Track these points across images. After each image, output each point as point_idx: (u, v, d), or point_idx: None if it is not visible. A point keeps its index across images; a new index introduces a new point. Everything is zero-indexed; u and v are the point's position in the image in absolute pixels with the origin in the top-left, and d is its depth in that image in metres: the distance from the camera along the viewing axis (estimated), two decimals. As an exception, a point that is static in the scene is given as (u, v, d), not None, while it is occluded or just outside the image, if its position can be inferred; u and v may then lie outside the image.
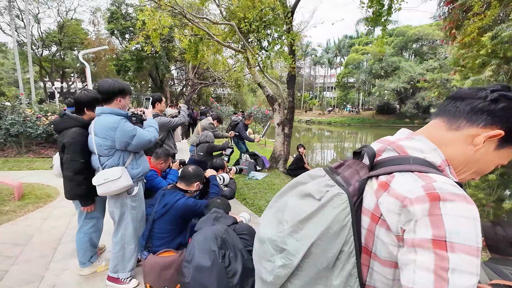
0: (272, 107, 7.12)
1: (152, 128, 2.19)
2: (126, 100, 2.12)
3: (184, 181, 2.28)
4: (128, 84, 2.15)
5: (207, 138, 4.40)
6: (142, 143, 2.06)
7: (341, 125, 33.60)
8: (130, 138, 2.01)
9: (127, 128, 2.00)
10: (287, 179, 6.34)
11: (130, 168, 2.12)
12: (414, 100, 26.30)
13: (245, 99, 27.39)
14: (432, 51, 27.54)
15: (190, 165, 2.36)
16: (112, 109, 2.05)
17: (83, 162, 2.13)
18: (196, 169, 2.32)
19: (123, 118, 2.03)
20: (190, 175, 2.27)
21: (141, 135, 2.05)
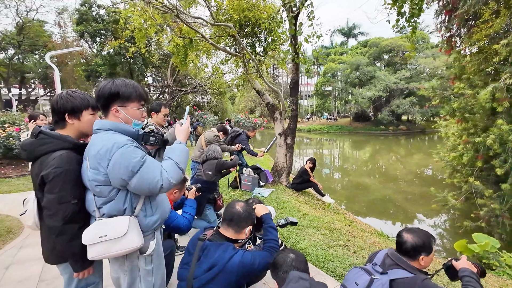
0: (273, 116, 6.58)
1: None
2: (130, 110, 1.39)
3: (233, 226, 1.59)
4: (134, 86, 1.39)
5: (216, 153, 3.71)
6: (146, 187, 1.28)
7: (320, 132, 34.09)
8: (129, 175, 1.25)
9: (129, 157, 1.25)
10: (293, 195, 5.78)
11: (143, 215, 1.40)
12: (389, 108, 27.44)
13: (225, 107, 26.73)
14: (403, 62, 29.12)
15: (237, 203, 1.68)
16: (114, 123, 1.34)
17: (77, 204, 1.38)
18: (246, 207, 1.65)
19: (129, 140, 1.31)
20: (240, 217, 1.59)
21: (148, 174, 1.27)
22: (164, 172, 1.31)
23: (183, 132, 1.55)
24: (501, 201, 5.34)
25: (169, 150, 1.44)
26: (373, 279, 1.47)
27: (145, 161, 1.29)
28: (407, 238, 1.54)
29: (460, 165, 6.36)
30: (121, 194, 1.32)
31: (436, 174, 13.05)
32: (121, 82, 1.35)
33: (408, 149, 22.98)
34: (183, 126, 1.57)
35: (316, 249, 3.23)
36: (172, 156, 1.40)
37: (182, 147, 1.46)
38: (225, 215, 1.64)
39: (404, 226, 6.86)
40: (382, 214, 7.64)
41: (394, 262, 1.54)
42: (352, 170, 14.71)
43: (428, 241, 1.53)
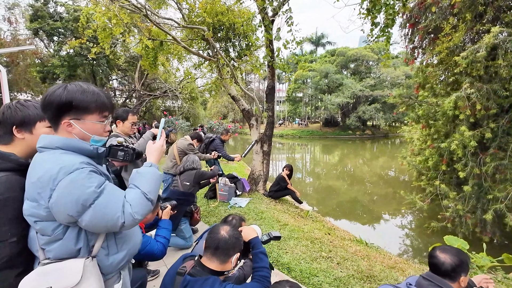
0: (249, 123, 6.42)
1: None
2: (88, 124, 1.09)
3: (218, 256, 1.36)
4: (94, 92, 1.08)
5: (194, 164, 3.43)
6: (103, 225, 0.99)
7: (292, 137, 34.74)
8: (78, 210, 0.95)
9: (80, 187, 0.95)
10: (271, 204, 5.64)
11: (104, 254, 1.09)
12: (356, 114, 28.90)
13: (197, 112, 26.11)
14: (368, 71, 31.02)
15: (221, 227, 1.45)
16: (65, 140, 1.04)
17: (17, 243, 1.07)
18: (233, 232, 1.43)
19: (82, 163, 1.00)
20: (227, 244, 1.36)
21: (105, 209, 0.98)
22: (128, 205, 1.03)
23: (156, 151, 1.25)
24: (463, 202, 5.70)
25: (137, 175, 1.13)
26: None
27: (102, 191, 1.00)
28: (444, 259, 1.46)
29: (425, 169, 6.74)
30: (71, 232, 1.02)
31: (399, 176, 13.85)
32: (77, 88, 1.05)
33: (373, 152, 24.30)
34: (157, 143, 1.27)
35: (300, 263, 3.10)
36: (139, 183, 1.10)
37: (153, 172, 1.16)
38: (208, 243, 1.40)
39: (372, 227, 7.11)
40: (351, 215, 7.84)
41: (434, 283, 1.45)
42: (322, 173, 15.07)
43: (466, 260, 1.48)
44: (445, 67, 5.69)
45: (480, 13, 5.28)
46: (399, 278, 2.88)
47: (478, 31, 5.20)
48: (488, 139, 5.25)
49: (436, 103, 5.56)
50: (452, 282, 1.44)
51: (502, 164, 5.06)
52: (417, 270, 3.23)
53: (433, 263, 1.52)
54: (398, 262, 3.43)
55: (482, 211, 5.41)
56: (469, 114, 4.79)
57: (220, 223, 1.52)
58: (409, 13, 6.61)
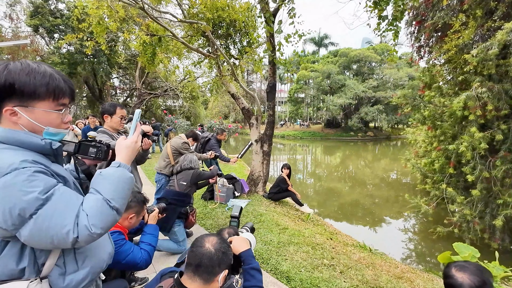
0: (249, 122, 6.21)
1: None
2: (38, 112, 0.88)
3: (201, 274, 1.14)
4: (45, 73, 0.87)
5: (192, 163, 3.24)
6: (48, 241, 0.79)
7: (293, 138, 34.51)
8: (14, 221, 0.76)
9: (18, 192, 0.76)
10: (271, 206, 5.43)
11: (59, 273, 0.88)
12: (358, 115, 28.64)
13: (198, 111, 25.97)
14: (370, 72, 30.74)
15: (206, 239, 1.22)
16: (7, 132, 0.84)
17: None
18: (220, 245, 1.20)
19: (25, 161, 0.80)
20: (212, 260, 1.13)
21: (51, 220, 0.78)
22: (83, 216, 0.82)
23: (127, 148, 1.04)
24: (471, 206, 5.46)
25: (99, 178, 0.93)
26: None
27: (49, 198, 0.79)
28: (462, 279, 1.26)
29: (431, 172, 6.51)
30: (12, 247, 0.81)
31: (401, 179, 13.61)
32: (21, 67, 0.84)
33: (375, 154, 24.04)
34: (129, 139, 1.06)
35: (300, 271, 2.88)
36: (101, 188, 0.90)
37: (120, 174, 0.96)
38: (190, 258, 1.17)
39: (374, 231, 6.88)
40: (352, 218, 7.62)
41: None
42: (324, 175, 14.85)
43: (489, 280, 1.27)
44: (453, 66, 5.46)
45: (491, 10, 5.06)
46: (408, 289, 2.67)
47: (489, 28, 4.97)
48: (498, 141, 5.02)
49: (444, 103, 5.33)
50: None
51: (513, 168, 4.83)
52: (426, 280, 3.01)
53: (449, 284, 1.30)
54: (405, 271, 3.21)
55: (491, 216, 5.17)
56: (480, 114, 4.56)
57: (205, 234, 1.31)
58: (415, 10, 6.39)
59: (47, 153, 0.92)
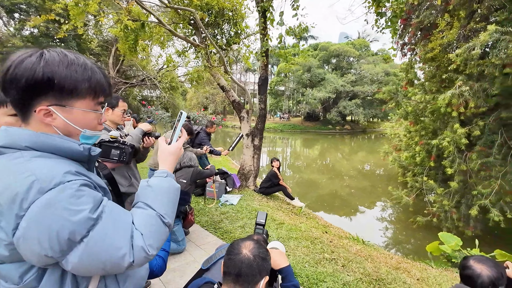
0: (239, 115, 6.08)
1: None
2: (77, 113, 0.73)
3: (241, 284, 1.05)
4: (87, 66, 0.72)
5: (192, 161, 3.08)
6: (100, 266, 0.65)
7: (274, 130, 34.75)
8: (62, 247, 0.61)
9: (66, 212, 0.61)
10: (263, 200, 5.42)
11: None
12: (337, 109, 29.46)
13: (177, 102, 25.15)
14: (349, 67, 31.59)
15: (243, 244, 1.13)
16: (41, 136, 0.68)
17: None
18: (258, 250, 1.10)
19: (69, 173, 0.65)
20: (252, 269, 1.05)
21: (103, 244, 0.65)
22: (138, 236, 0.71)
23: (173, 155, 0.95)
24: (449, 197, 5.84)
25: (148, 190, 0.82)
26: None
27: (100, 217, 0.66)
28: (481, 270, 1.32)
29: (412, 165, 6.86)
30: (51, 276, 0.67)
31: (381, 171, 14.26)
32: (60, 58, 0.68)
33: (352, 147, 24.99)
34: (174, 145, 0.95)
35: (304, 267, 2.89)
36: (153, 202, 0.79)
37: (169, 185, 0.86)
38: (228, 267, 1.08)
39: (353, 219, 7.19)
40: (332, 209, 7.88)
41: None
42: (303, 167, 15.16)
43: (503, 273, 1.36)
44: (437, 64, 5.72)
45: (473, 11, 5.33)
46: (407, 280, 2.78)
47: (472, 29, 5.24)
48: (474, 136, 5.38)
49: (428, 100, 5.59)
50: None
51: (487, 161, 5.21)
52: (420, 269, 3.17)
53: (467, 275, 1.37)
54: (400, 261, 3.36)
55: (466, 206, 5.57)
56: (463, 111, 4.84)
57: (240, 240, 1.22)
58: (402, 8, 6.55)
59: (84, 161, 0.77)
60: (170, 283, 2.56)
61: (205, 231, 3.78)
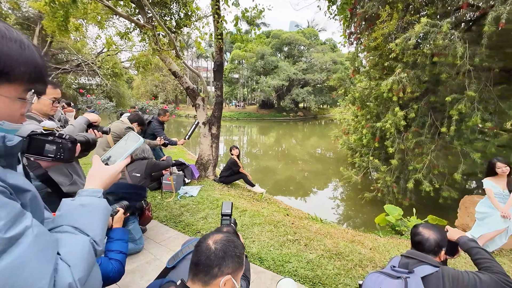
0: (194, 103, 5.79)
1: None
2: None
3: (198, 275, 0.96)
4: (29, 45, 0.55)
5: (145, 152, 2.80)
6: None
7: (230, 119, 34.43)
8: None
9: None
10: (224, 190, 5.34)
11: None
12: (290, 96, 30.42)
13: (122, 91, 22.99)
14: (300, 55, 32.61)
15: (211, 235, 1.03)
16: None
17: None
18: (224, 243, 0.98)
19: None
20: (210, 261, 0.96)
21: (18, 275, 0.48)
22: (64, 269, 0.56)
23: (111, 177, 0.83)
24: (390, 174, 6.55)
25: (79, 210, 0.68)
26: (407, 280, 1.32)
27: (16, 239, 0.50)
28: (429, 235, 1.49)
29: (359, 146, 7.49)
30: None
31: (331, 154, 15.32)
32: None
33: (305, 133, 26.29)
34: (115, 166, 0.85)
35: (270, 250, 2.94)
36: (86, 225, 0.66)
37: (105, 206, 0.75)
38: (192, 257, 1.02)
39: (310, 201, 7.67)
40: (288, 192, 8.28)
41: (418, 260, 1.44)
42: (260, 154, 15.47)
43: (445, 235, 1.56)
44: (380, 52, 6.22)
45: (409, 4, 5.87)
46: (362, 251, 3.04)
47: (408, 21, 5.78)
48: (410, 118, 6.07)
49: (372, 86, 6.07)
50: (434, 257, 1.47)
51: (420, 140, 5.95)
52: (372, 240, 3.50)
53: (418, 241, 1.53)
54: (355, 235, 3.66)
55: (404, 180, 6.34)
56: (402, 96, 5.39)
57: (211, 232, 1.13)
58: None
59: None
60: (129, 285, 2.35)
61: (164, 226, 3.56)
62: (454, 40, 4.75)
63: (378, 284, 1.39)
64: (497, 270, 1.39)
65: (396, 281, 1.36)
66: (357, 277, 2.55)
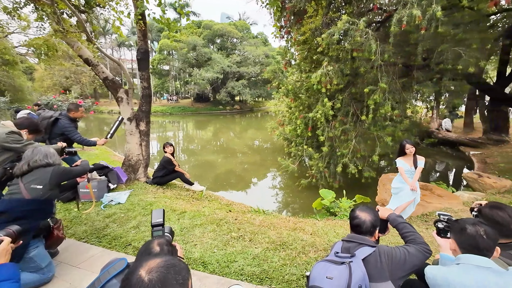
0: (116, 96, 5.03)
1: None
2: None
3: None
4: None
5: (49, 157, 2.18)
6: None
7: (162, 114, 32.10)
8: None
9: None
10: (159, 191, 4.85)
11: None
12: (226, 89, 30.09)
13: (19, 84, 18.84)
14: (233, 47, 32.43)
15: (146, 262, 0.79)
16: None
17: None
18: (160, 270, 0.77)
19: None
20: None
21: None
22: None
23: None
24: (322, 160, 7.09)
25: None
26: (350, 265, 1.37)
27: None
28: (365, 217, 1.57)
29: (294, 136, 7.88)
30: None
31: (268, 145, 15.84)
32: None
33: (242, 125, 26.58)
34: None
35: (214, 252, 2.75)
36: None
37: None
38: None
39: (251, 193, 7.79)
40: (229, 185, 8.25)
41: (357, 243, 1.52)
42: (198, 149, 14.95)
43: (377, 215, 1.65)
44: (308, 46, 6.56)
45: (331, 2, 6.33)
46: (304, 237, 3.14)
47: (331, 18, 6.23)
48: (337, 108, 6.64)
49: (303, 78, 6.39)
50: (371, 237, 1.58)
51: (345, 128, 6.58)
52: (311, 225, 3.67)
53: (356, 224, 1.61)
54: (296, 222, 3.77)
55: (334, 165, 6.94)
56: (329, 88, 5.81)
57: (149, 256, 0.87)
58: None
59: None
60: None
61: (84, 244, 2.97)
62: (369, 38, 5.33)
63: (324, 273, 1.41)
64: (420, 241, 1.56)
65: (340, 267, 1.40)
66: (301, 264, 2.60)
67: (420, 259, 1.45)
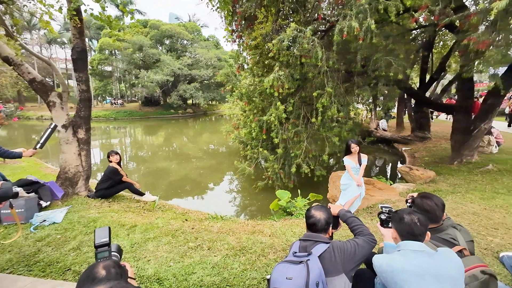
0: (47, 101, 4.40)
1: None
2: None
3: None
4: None
5: None
6: None
7: (105, 119, 29.29)
8: None
9: None
10: (104, 205, 4.38)
11: None
12: (177, 93, 28.88)
13: None
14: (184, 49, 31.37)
15: None
16: None
17: None
18: None
19: None
20: None
21: None
22: None
23: None
24: (277, 162, 7.29)
25: None
26: (307, 263, 1.42)
27: None
28: (320, 216, 1.65)
29: (249, 140, 7.95)
30: None
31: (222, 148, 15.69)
32: None
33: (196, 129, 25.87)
34: None
35: (170, 266, 2.58)
36: None
37: None
38: None
39: (207, 199, 7.64)
40: (185, 193, 7.97)
41: (313, 241, 1.58)
42: (149, 156, 14.06)
43: (330, 212, 1.75)
44: (260, 51, 6.70)
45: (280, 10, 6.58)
46: (263, 239, 3.16)
47: (281, 25, 6.48)
48: (289, 111, 6.91)
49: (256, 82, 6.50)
50: (325, 234, 1.68)
51: (297, 130, 6.89)
52: (269, 226, 3.72)
53: (312, 223, 1.69)
54: (254, 225, 3.79)
55: (288, 166, 7.20)
56: (281, 92, 6.01)
57: (84, 285, 0.75)
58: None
59: None
60: None
61: (9, 276, 2.50)
62: (315, 45, 5.69)
63: (284, 274, 1.43)
64: (366, 232, 1.70)
65: (298, 267, 1.44)
66: (261, 267, 2.61)
67: (367, 249, 1.58)
